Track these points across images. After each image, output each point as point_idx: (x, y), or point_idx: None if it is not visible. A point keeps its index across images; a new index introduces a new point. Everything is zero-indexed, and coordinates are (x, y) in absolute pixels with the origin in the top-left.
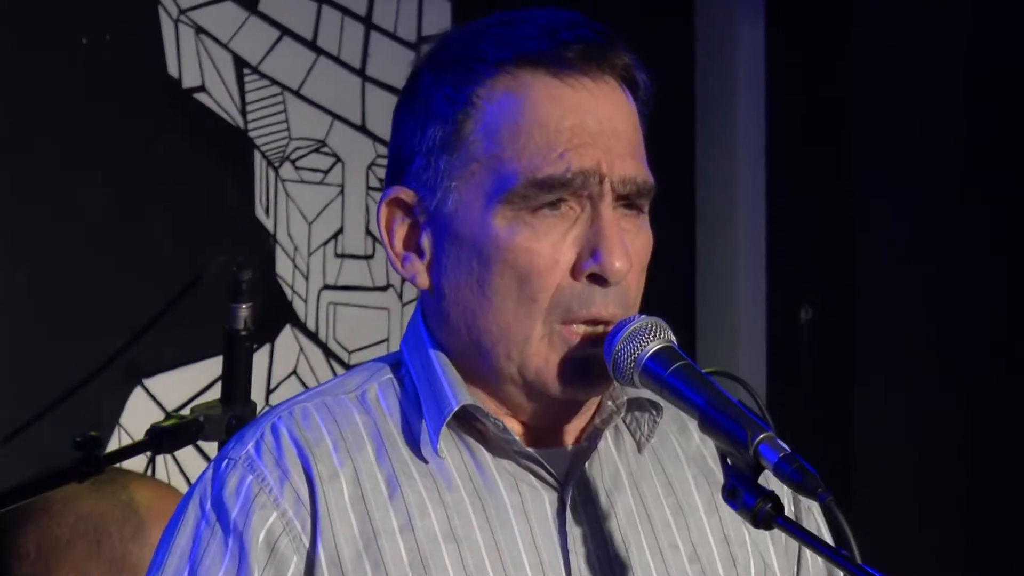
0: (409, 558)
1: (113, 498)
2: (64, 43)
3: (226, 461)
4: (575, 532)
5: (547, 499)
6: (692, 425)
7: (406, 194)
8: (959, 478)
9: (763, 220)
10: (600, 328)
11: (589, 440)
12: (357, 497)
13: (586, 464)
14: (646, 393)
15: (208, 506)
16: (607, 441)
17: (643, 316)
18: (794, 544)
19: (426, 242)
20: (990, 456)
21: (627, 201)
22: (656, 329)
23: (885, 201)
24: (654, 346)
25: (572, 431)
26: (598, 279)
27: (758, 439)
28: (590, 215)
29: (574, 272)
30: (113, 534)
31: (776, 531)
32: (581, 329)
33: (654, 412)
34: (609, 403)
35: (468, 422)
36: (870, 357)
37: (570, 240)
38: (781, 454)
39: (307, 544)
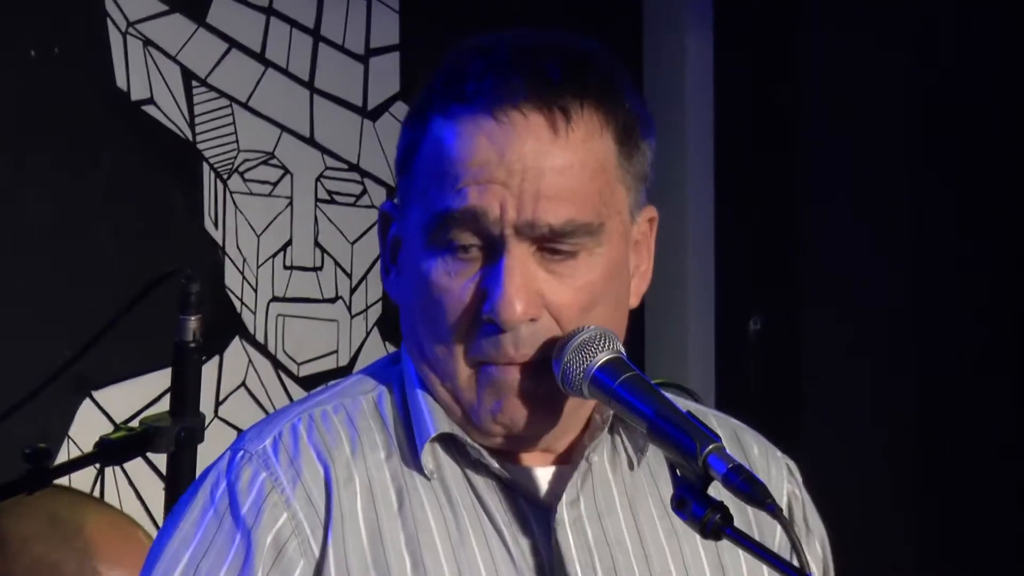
0: (413, 573)
1: (68, 547)
2: (12, 55)
3: (242, 452)
4: (564, 557)
5: (534, 521)
6: None
7: (393, 206)
8: (910, 489)
9: (711, 231)
10: (515, 363)
11: (576, 457)
12: (369, 505)
13: (576, 484)
14: None
15: (219, 495)
16: (602, 458)
17: (592, 327)
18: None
19: (402, 258)
20: (942, 466)
21: (552, 245)
22: (605, 340)
23: (833, 211)
24: (603, 357)
25: (559, 447)
26: (494, 324)
27: (707, 450)
28: (489, 259)
29: (477, 315)
30: None
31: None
32: (496, 368)
33: None
34: (597, 416)
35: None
36: (819, 367)
37: (473, 282)
38: (730, 465)
39: (315, 548)
